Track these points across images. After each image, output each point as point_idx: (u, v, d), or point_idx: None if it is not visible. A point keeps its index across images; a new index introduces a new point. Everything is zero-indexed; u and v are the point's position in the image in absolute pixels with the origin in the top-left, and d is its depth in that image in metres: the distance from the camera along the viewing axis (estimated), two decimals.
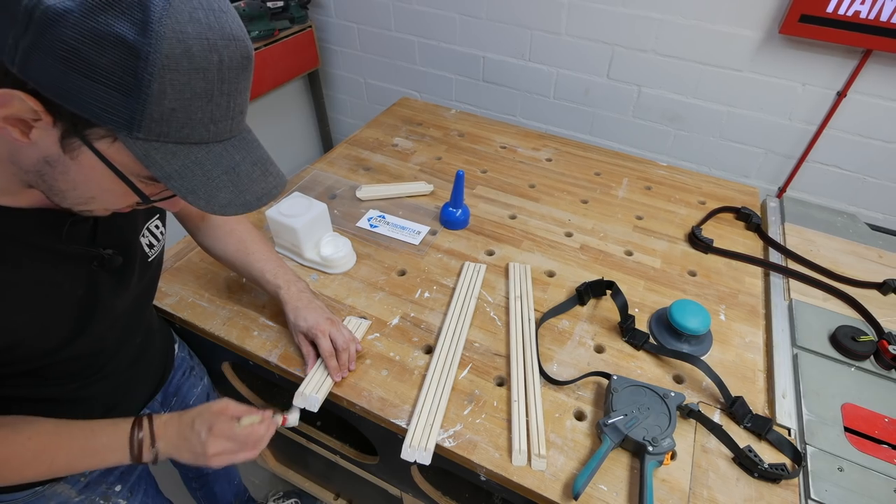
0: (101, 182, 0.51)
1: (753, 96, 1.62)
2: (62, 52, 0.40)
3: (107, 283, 0.69)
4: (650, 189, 1.42)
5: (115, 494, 0.86)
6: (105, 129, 0.45)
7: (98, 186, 0.52)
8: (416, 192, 1.35)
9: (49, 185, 0.52)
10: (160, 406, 0.99)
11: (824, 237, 1.26)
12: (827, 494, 0.78)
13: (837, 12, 1.34)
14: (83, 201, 0.54)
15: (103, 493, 0.85)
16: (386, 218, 1.26)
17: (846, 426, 0.86)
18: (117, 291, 0.71)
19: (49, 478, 0.69)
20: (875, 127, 1.53)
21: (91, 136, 0.46)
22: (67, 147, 0.47)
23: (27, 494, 0.76)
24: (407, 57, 2.14)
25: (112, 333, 0.75)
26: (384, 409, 0.87)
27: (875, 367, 0.96)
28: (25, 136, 0.46)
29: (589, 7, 1.68)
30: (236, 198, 0.53)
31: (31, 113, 0.44)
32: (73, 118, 0.45)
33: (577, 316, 1.04)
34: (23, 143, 0.46)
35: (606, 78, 1.80)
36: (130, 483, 0.90)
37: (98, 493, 0.84)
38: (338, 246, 1.10)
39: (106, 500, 0.85)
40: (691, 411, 0.85)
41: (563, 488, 0.77)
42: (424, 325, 1.01)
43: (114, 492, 0.86)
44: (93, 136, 0.46)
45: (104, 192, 0.53)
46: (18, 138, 0.46)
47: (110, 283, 0.69)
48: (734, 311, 1.07)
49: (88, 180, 0.51)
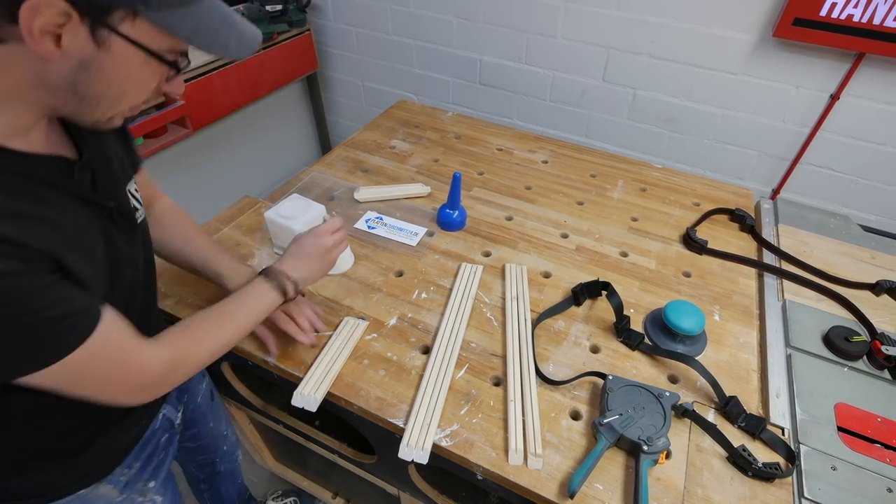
0: (132, 69, 0.55)
1: (747, 99, 1.64)
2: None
3: (119, 237, 0.69)
4: (645, 191, 1.43)
5: (150, 490, 0.89)
6: (124, 9, 0.49)
7: (129, 76, 0.55)
8: (414, 194, 1.36)
9: (81, 95, 0.54)
10: (176, 400, 1.00)
11: (818, 238, 1.27)
12: (820, 493, 0.78)
13: (831, 16, 1.35)
14: (113, 102, 0.57)
15: (140, 490, 0.87)
16: (384, 219, 1.27)
17: (839, 426, 0.87)
18: (129, 247, 0.72)
19: (228, 348, 0.78)
20: (868, 129, 1.55)
21: (114, 21, 0.49)
22: (99, 40, 0.50)
23: (72, 499, 0.77)
24: (404, 60, 2.15)
25: (133, 298, 0.75)
26: (382, 408, 0.87)
27: (868, 367, 0.97)
28: (58, 46, 0.48)
29: (584, 10, 1.69)
30: (241, 42, 0.59)
31: (59, 16, 0.46)
32: (95, 7, 0.48)
33: (572, 316, 1.05)
34: (55, 54, 0.48)
35: (602, 81, 1.81)
36: (161, 479, 0.92)
37: (136, 490, 0.86)
38: None
39: (143, 496, 0.88)
40: (686, 411, 0.86)
41: (559, 487, 0.78)
42: (422, 325, 1.01)
43: (148, 488, 0.89)
44: (116, 21, 0.50)
45: (134, 83, 0.57)
46: (53, 49, 0.48)
47: (121, 237, 0.70)
48: (728, 311, 1.08)
49: (121, 71, 0.54)
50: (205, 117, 1.87)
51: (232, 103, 1.96)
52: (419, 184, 1.38)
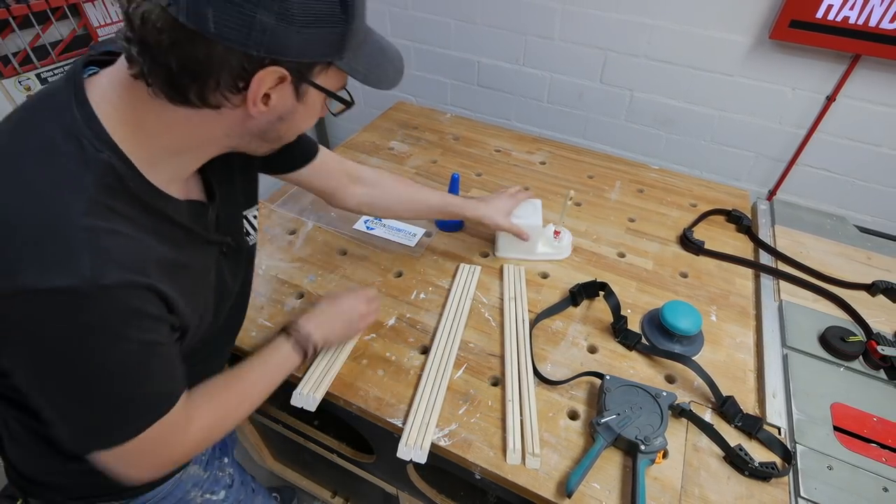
0: (315, 111, 0.59)
1: (744, 100, 1.64)
2: (296, 12, 0.47)
3: (228, 268, 0.73)
4: (642, 192, 1.43)
5: (225, 465, 0.97)
6: (322, 63, 0.53)
7: (311, 116, 0.60)
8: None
9: (267, 139, 0.59)
10: None
11: (814, 239, 1.28)
12: (816, 492, 0.79)
13: (827, 18, 1.36)
14: (288, 137, 0.62)
15: (219, 466, 0.95)
16: (382, 220, 1.27)
17: (835, 425, 0.88)
18: (235, 275, 0.76)
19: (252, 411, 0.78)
20: (864, 131, 1.55)
21: (314, 75, 0.54)
22: (301, 96, 0.55)
23: (169, 484, 0.82)
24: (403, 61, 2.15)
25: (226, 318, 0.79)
26: (380, 408, 0.87)
27: (864, 367, 0.97)
28: (266, 105, 0.52)
29: (582, 13, 1.69)
30: (395, 68, 0.63)
31: (276, 80, 0.50)
32: (304, 67, 0.52)
33: (570, 317, 1.06)
34: (263, 113, 0.53)
35: (599, 82, 1.82)
36: (230, 455, 1.01)
37: (215, 466, 0.94)
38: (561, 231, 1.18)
39: (222, 471, 0.96)
40: (683, 410, 0.86)
41: (557, 486, 0.78)
42: (420, 325, 1.02)
43: (223, 463, 0.97)
44: (315, 75, 0.54)
45: (311, 120, 0.61)
46: (263, 110, 0.52)
47: (230, 268, 0.74)
48: (725, 311, 1.08)
49: (308, 115, 0.59)
50: None
51: None
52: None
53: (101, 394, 0.53)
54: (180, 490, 0.86)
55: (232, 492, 0.98)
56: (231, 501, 0.98)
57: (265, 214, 1.28)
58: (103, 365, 0.52)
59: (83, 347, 0.50)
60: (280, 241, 1.20)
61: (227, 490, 0.96)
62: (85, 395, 0.53)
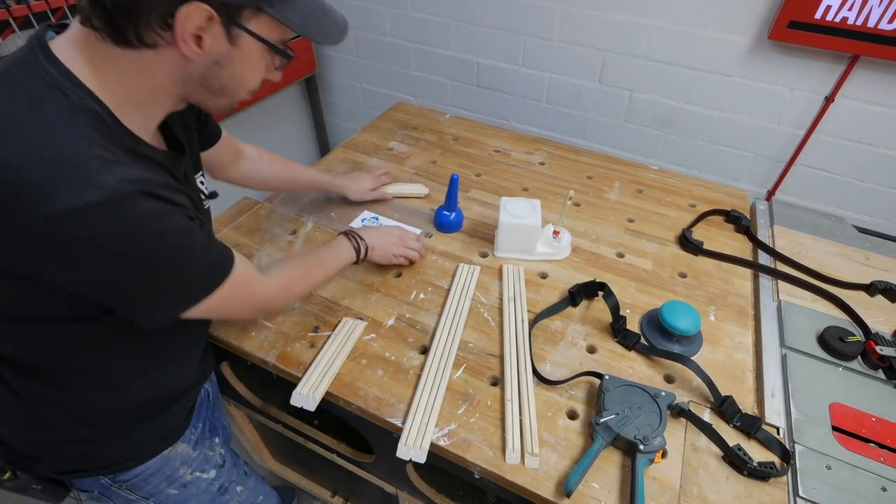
0: (253, 61, 0.62)
1: (743, 101, 1.65)
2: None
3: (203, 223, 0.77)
4: (641, 192, 1.44)
5: (216, 445, 0.99)
6: (251, 8, 0.56)
7: (251, 67, 0.63)
8: (413, 194, 1.37)
9: (210, 87, 0.62)
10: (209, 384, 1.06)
11: (812, 239, 1.28)
12: (815, 492, 0.79)
13: (825, 18, 1.36)
14: (235, 91, 0.65)
15: (209, 446, 0.97)
16: (379, 220, 1.27)
17: (834, 425, 0.88)
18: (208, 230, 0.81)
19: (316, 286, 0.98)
20: (862, 131, 1.56)
21: (244, 19, 0.57)
22: (233, 39, 0.58)
23: (157, 460, 0.86)
24: (402, 62, 2.16)
25: None
26: (380, 408, 0.87)
27: (862, 367, 0.98)
28: (199, 47, 0.56)
29: (581, 13, 1.70)
30: (338, 28, 0.66)
31: (204, 19, 0.54)
32: (231, 8, 0.55)
33: (569, 317, 1.06)
34: (197, 54, 0.56)
35: (598, 83, 1.82)
36: (220, 435, 1.02)
37: (205, 446, 0.96)
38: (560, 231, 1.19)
39: (213, 451, 0.98)
40: (682, 410, 0.86)
41: (556, 486, 0.78)
42: (420, 325, 1.02)
43: (214, 443, 0.99)
44: (245, 20, 0.57)
45: (253, 73, 0.64)
46: (196, 50, 0.56)
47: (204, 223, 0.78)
48: (724, 312, 1.09)
49: (246, 63, 0.62)
50: None
51: None
52: (419, 184, 1.39)
53: (170, 270, 0.62)
54: (168, 467, 0.89)
55: (223, 471, 1.01)
56: (223, 480, 1.01)
57: (265, 215, 1.28)
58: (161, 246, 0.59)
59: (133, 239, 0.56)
60: (280, 242, 1.20)
61: (217, 469, 0.99)
62: (157, 275, 0.61)
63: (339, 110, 2.57)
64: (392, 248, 1.08)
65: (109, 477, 0.83)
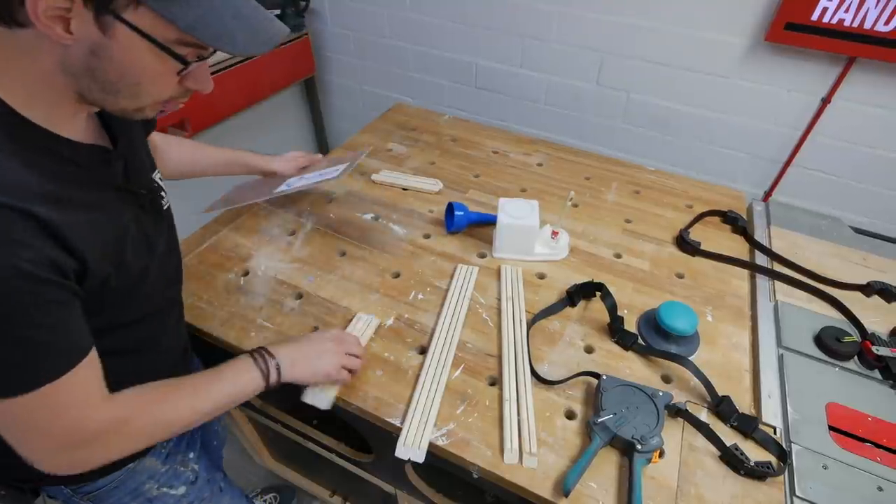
0: (143, 60, 0.54)
1: (740, 102, 1.65)
2: None
3: (148, 224, 0.72)
4: (639, 193, 1.44)
5: (189, 461, 0.95)
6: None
7: (141, 67, 0.55)
8: (426, 189, 1.39)
9: (101, 83, 0.55)
10: None
11: (809, 240, 1.29)
12: (812, 492, 0.79)
13: (822, 20, 1.36)
14: (133, 92, 0.57)
15: (181, 461, 0.93)
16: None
17: (830, 425, 0.88)
18: (158, 233, 0.75)
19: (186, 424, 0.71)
20: (859, 132, 1.56)
21: (118, 8, 0.50)
22: (103, 26, 0.50)
23: (122, 473, 0.82)
24: (401, 63, 2.17)
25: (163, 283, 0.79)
26: (379, 408, 0.88)
27: (859, 367, 0.98)
28: (68, 31, 0.49)
29: (578, 15, 1.70)
30: (253, 38, 0.57)
31: (63, 0, 0.47)
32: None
33: (567, 317, 1.06)
34: (67, 39, 0.50)
35: (596, 84, 1.83)
36: (197, 450, 0.98)
37: (177, 461, 0.92)
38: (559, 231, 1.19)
39: (185, 466, 0.94)
40: (679, 410, 0.87)
41: (554, 486, 0.79)
42: (418, 325, 1.02)
43: (188, 458, 0.95)
44: (119, 8, 0.50)
45: (148, 74, 0.56)
46: (64, 34, 0.49)
47: (151, 226, 0.73)
48: (721, 312, 1.09)
49: (131, 60, 0.54)
50: (204, 120, 1.88)
51: (231, 106, 1.97)
52: (433, 179, 1.41)
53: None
54: (134, 481, 0.85)
55: (194, 488, 0.95)
56: (192, 498, 0.96)
57: (264, 216, 1.28)
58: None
59: None
60: (280, 242, 1.20)
61: (188, 486, 0.94)
62: None
63: (338, 112, 2.58)
64: (324, 364, 0.83)
65: (71, 487, 0.80)
